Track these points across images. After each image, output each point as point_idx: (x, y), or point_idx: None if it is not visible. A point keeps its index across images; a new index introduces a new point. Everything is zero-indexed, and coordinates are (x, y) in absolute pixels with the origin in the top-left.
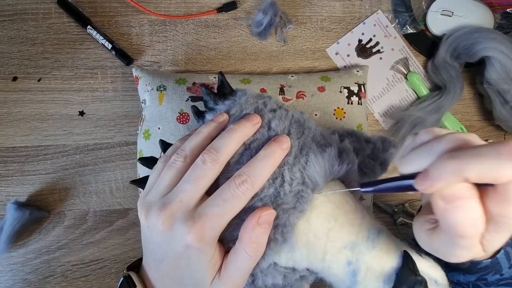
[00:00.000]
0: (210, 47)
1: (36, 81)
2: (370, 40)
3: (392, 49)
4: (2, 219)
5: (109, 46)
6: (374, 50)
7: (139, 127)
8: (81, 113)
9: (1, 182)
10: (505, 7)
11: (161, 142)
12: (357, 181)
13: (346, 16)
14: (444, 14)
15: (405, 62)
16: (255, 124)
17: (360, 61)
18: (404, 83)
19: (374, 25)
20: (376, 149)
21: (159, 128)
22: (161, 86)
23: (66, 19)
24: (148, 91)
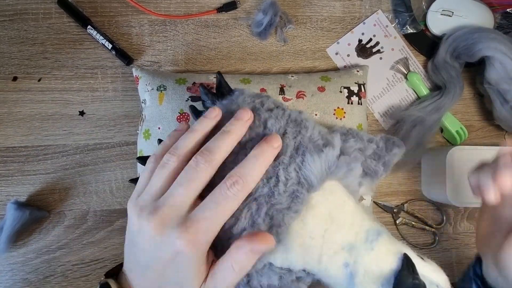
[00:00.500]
0: (210, 47)
1: (36, 81)
2: (370, 40)
3: (392, 49)
4: (2, 219)
5: (109, 46)
6: (374, 50)
7: (139, 127)
8: (81, 113)
9: (1, 182)
10: (505, 7)
11: (160, 142)
12: (359, 181)
13: (346, 16)
14: (444, 14)
15: (405, 62)
16: (246, 120)
17: (360, 61)
18: (404, 83)
19: (374, 25)
20: (379, 149)
21: (159, 128)
22: (161, 86)
23: (66, 19)
24: (148, 91)
